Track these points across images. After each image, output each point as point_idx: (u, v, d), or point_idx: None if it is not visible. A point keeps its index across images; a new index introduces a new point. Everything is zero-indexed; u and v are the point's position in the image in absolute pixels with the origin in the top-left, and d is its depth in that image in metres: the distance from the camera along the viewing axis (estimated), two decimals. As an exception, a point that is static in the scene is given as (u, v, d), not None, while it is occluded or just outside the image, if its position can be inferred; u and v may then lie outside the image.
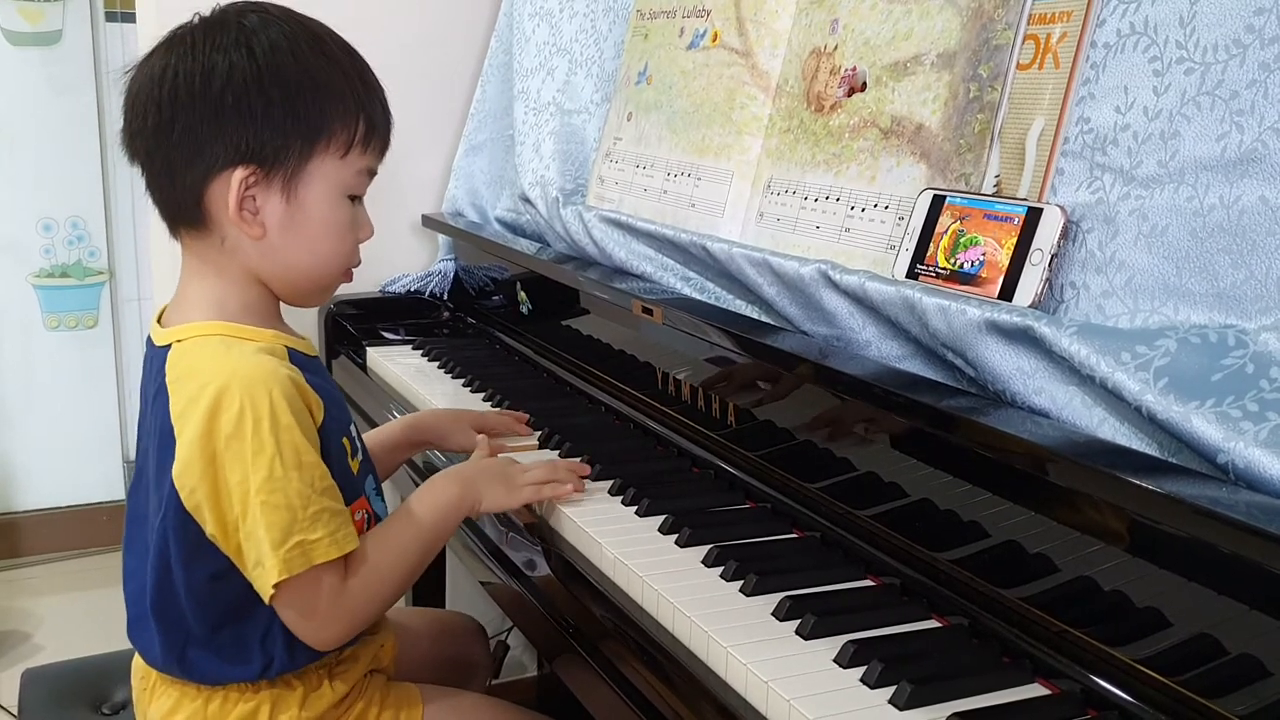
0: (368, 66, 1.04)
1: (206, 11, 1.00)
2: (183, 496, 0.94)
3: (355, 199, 1.04)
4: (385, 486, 1.18)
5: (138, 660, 1.10)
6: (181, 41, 0.97)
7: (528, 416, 1.42)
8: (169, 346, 0.99)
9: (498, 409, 1.49)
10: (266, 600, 0.95)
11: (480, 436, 1.32)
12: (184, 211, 0.99)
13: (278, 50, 0.96)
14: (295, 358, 1.01)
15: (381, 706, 1.09)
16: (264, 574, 0.93)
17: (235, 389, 0.92)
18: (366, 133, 1.01)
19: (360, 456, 1.08)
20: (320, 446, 0.97)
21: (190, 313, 1.01)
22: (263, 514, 0.92)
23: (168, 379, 0.97)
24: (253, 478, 0.92)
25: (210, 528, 0.94)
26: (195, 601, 0.98)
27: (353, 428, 1.08)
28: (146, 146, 0.98)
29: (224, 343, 0.98)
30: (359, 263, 1.07)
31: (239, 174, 0.95)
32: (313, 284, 1.05)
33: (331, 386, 1.07)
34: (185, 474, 0.93)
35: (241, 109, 0.95)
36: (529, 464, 1.18)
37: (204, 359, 0.97)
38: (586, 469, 1.21)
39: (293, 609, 0.97)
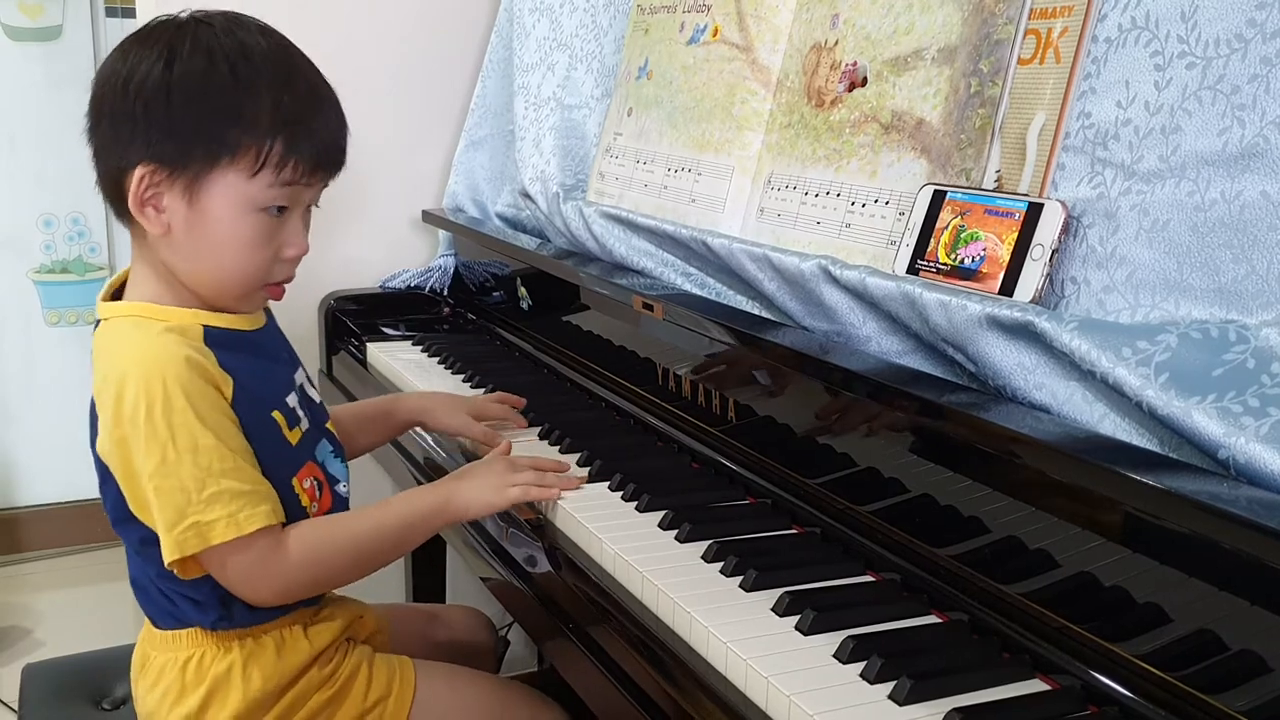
0: (314, 90, 1.04)
1: (166, 14, 1.02)
2: (110, 469, 1.02)
3: (281, 212, 1.03)
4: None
5: (136, 651, 1.11)
6: (121, 46, 1.02)
7: (523, 401, 1.42)
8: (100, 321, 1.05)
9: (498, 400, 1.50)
10: (178, 575, 1.02)
11: (482, 428, 1.33)
12: (113, 204, 1.04)
13: (194, 68, 0.98)
14: (214, 335, 1.03)
15: (372, 676, 1.11)
16: (164, 553, 0.99)
17: (132, 376, 0.97)
18: (284, 155, 1.00)
19: (305, 425, 1.10)
20: (239, 423, 1.01)
21: (129, 292, 1.06)
22: (156, 497, 0.97)
23: (93, 356, 1.03)
24: (147, 463, 0.97)
25: (130, 504, 1.02)
26: (137, 560, 1.06)
27: (292, 397, 1.09)
28: (90, 141, 1.03)
29: (133, 324, 1.02)
30: (288, 278, 1.07)
31: (139, 171, 0.98)
32: (220, 289, 1.05)
33: (263, 359, 1.08)
34: (104, 452, 1.01)
35: (150, 114, 0.98)
36: (518, 460, 1.18)
37: (112, 342, 1.02)
38: (574, 480, 1.20)
39: (214, 575, 1.02)
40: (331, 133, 1.04)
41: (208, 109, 0.98)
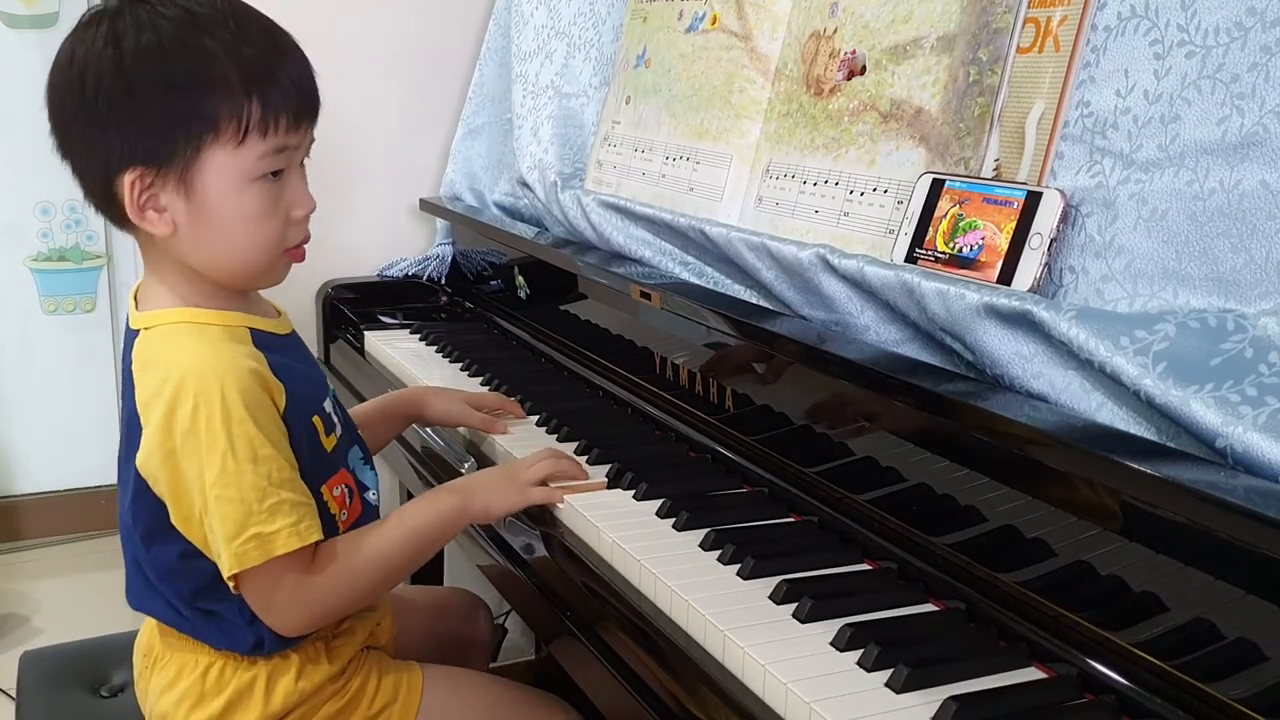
0: (270, 37, 0.98)
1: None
2: (150, 484, 0.96)
3: (277, 176, 0.99)
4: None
5: (140, 638, 1.11)
6: (65, 43, 0.96)
7: (521, 410, 1.42)
8: (139, 331, 1.00)
9: (494, 393, 1.50)
10: (232, 589, 0.97)
11: (481, 416, 1.34)
12: (108, 213, 1.00)
13: (147, 51, 0.93)
14: (260, 338, 1.01)
15: (380, 683, 1.10)
16: (221, 567, 0.95)
17: (190, 384, 0.93)
18: (264, 115, 0.95)
19: (339, 431, 1.08)
20: (286, 434, 0.98)
21: (155, 299, 1.02)
22: (216, 508, 0.93)
23: (134, 365, 0.98)
24: (206, 472, 0.93)
25: (173, 517, 0.97)
26: (169, 579, 1.01)
27: (328, 403, 1.07)
28: (61, 151, 0.98)
29: (186, 331, 0.98)
30: (305, 238, 1.03)
31: (128, 178, 0.94)
32: (243, 270, 1.01)
33: (301, 363, 1.07)
34: (147, 463, 0.95)
35: (118, 116, 0.93)
36: (530, 459, 1.17)
37: (165, 350, 0.98)
38: (585, 474, 1.20)
39: (253, 598, 0.98)
40: (301, 76, 0.99)
41: (174, 89, 0.93)
